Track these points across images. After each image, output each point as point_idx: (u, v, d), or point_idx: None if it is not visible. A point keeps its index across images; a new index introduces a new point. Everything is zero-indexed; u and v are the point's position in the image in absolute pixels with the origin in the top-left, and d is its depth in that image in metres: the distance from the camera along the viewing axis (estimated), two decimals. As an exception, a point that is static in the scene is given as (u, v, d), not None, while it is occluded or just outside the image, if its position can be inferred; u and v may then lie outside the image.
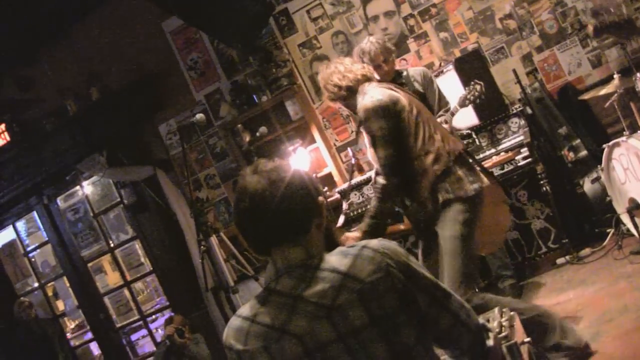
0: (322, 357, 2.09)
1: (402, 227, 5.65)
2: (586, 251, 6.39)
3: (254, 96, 8.02)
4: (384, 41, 5.75)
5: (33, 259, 9.59)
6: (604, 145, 5.92)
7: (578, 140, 6.67)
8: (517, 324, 2.56)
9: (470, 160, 4.50)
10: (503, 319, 2.55)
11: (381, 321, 2.09)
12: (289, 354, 2.11)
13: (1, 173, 8.84)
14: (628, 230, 6.00)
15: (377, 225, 4.36)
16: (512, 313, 2.62)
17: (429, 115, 4.49)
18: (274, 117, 7.98)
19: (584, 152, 6.62)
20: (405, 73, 6.03)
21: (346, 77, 4.42)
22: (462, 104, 5.64)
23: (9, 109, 8.93)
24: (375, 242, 2.22)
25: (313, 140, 7.92)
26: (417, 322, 2.15)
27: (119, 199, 8.87)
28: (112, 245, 9.05)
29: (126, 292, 9.09)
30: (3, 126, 8.86)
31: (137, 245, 9.01)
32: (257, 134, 6.51)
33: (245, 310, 2.25)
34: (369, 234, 4.30)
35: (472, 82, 5.61)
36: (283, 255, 2.21)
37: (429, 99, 5.92)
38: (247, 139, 7.75)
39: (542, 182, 6.33)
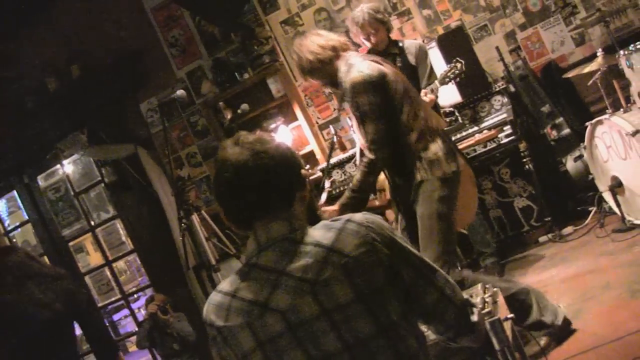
0: (305, 333, 2.04)
1: (377, 203, 5.64)
2: (568, 229, 6.41)
3: (236, 73, 7.96)
4: (376, 12, 5.74)
5: (14, 239, 9.49)
6: (587, 123, 5.90)
7: (561, 119, 6.65)
8: (501, 300, 2.55)
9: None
10: (486, 295, 2.53)
11: (366, 296, 2.05)
12: (272, 330, 2.06)
13: (-20, 152, 8.74)
14: (610, 208, 6.00)
15: (356, 200, 4.29)
16: (495, 289, 2.60)
17: (414, 92, 4.44)
18: (255, 94, 7.92)
19: (566, 130, 6.61)
20: (401, 44, 6.02)
21: (325, 45, 4.33)
22: (442, 81, 5.62)
23: (-11, 88, 8.82)
24: (359, 216, 2.18)
25: (295, 118, 7.88)
26: (402, 297, 2.12)
27: (99, 178, 8.80)
28: (93, 224, 8.98)
29: (107, 271, 9.03)
30: (-18, 104, 8.74)
31: (119, 224, 8.95)
32: (239, 111, 6.45)
33: (225, 285, 2.20)
34: (348, 207, 4.24)
35: (454, 60, 5.58)
36: (265, 229, 2.16)
37: (420, 73, 5.90)
38: (229, 116, 7.71)
39: (525, 160, 6.33)
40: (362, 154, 4.57)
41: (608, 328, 4.13)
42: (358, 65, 4.23)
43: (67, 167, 8.98)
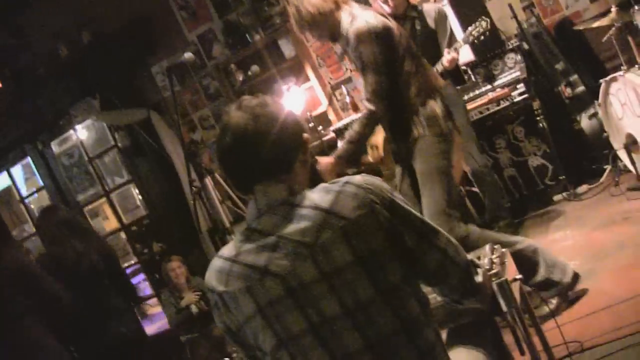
0: (305, 297, 2.02)
1: (370, 159, 5.61)
2: (583, 188, 6.37)
3: (247, 35, 7.93)
4: None
5: (30, 205, 9.54)
6: (601, 80, 5.82)
7: (575, 76, 6.57)
8: (509, 260, 2.51)
9: None
10: (494, 256, 2.50)
11: (366, 259, 2.02)
12: (271, 294, 2.04)
13: (-5, 120, 8.77)
14: (625, 166, 5.95)
15: (352, 151, 4.24)
16: (503, 250, 2.57)
17: (415, 49, 4.37)
18: (267, 56, 7.91)
19: (581, 88, 6.53)
20: (420, 8, 5.94)
21: None
22: (467, 39, 5.56)
23: (1, 56, 8.81)
24: (358, 178, 2.15)
25: (307, 79, 7.85)
26: (403, 260, 2.09)
27: (113, 143, 8.78)
28: (107, 189, 8.99)
29: (123, 235, 9.06)
30: (-5, 73, 8.76)
31: (133, 189, 8.96)
32: (249, 73, 6.42)
33: (226, 250, 2.18)
34: (343, 159, 4.21)
35: (480, 18, 5.50)
36: (265, 193, 2.14)
37: (440, 36, 5.84)
38: (241, 78, 7.69)
39: (538, 118, 6.28)
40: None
41: (622, 287, 4.09)
42: (363, 15, 4.16)
43: (81, 132, 8.96)
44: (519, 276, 2.42)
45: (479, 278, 2.23)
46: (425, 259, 2.14)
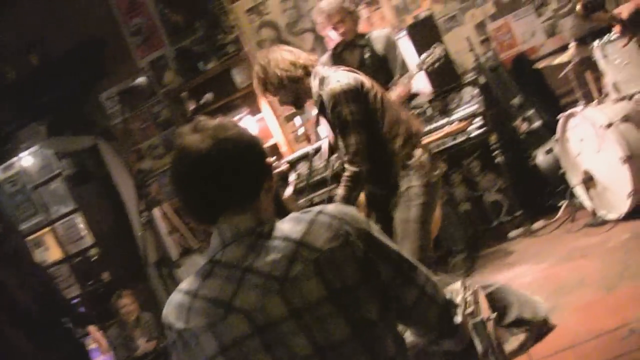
0: (273, 336, 1.85)
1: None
2: (539, 224, 6.29)
3: (200, 63, 7.82)
4: (342, 1, 5.68)
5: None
6: (560, 115, 5.80)
7: (532, 111, 6.55)
8: (482, 299, 2.38)
9: None
10: (467, 294, 2.36)
11: (340, 295, 1.86)
12: (236, 332, 1.86)
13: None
14: (581, 203, 5.91)
15: None
16: (476, 287, 2.44)
17: (391, 98, 4.34)
18: (220, 85, 7.77)
19: (537, 123, 6.50)
20: (367, 36, 5.94)
21: (296, 62, 4.10)
22: (421, 66, 5.50)
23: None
24: (332, 207, 2.00)
25: (260, 110, 7.71)
26: (379, 296, 1.94)
27: (59, 170, 8.56)
28: (52, 218, 8.74)
29: (66, 267, 8.80)
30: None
31: (78, 219, 8.72)
32: (202, 101, 6.29)
33: (186, 284, 2.00)
34: None
35: (434, 45, 5.45)
36: (230, 224, 1.96)
37: (390, 63, 5.80)
38: (192, 107, 7.55)
39: (495, 153, 6.22)
40: (330, 155, 4.50)
41: (586, 325, 4.01)
42: (334, 76, 4.08)
43: (25, 159, 8.72)
44: (493, 315, 2.29)
45: (458, 318, 2.08)
46: (401, 296, 1.99)
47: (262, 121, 7.76)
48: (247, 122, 7.47)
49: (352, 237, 1.92)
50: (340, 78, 4.04)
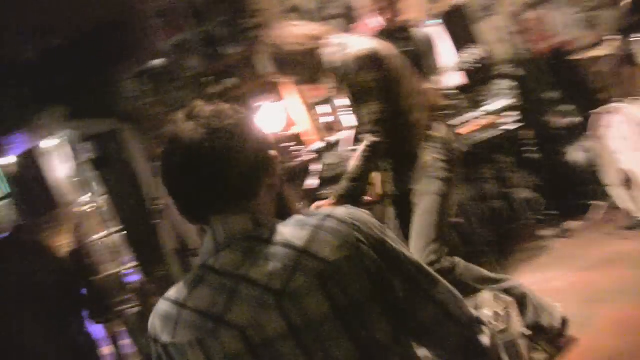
0: (269, 355, 1.65)
1: (368, 197, 5.35)
2: (572, 224, 6.06)
3: (224, 47, 7.70)
4: None
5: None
6: (595, 111, 5.61)
7: (567, 106, 6.37)
8: (515, 313, 2.14)
9: None
10: (500, 308, 2.11)
11: (346, 312, 1.64)
12: (228, 349, 1.66)
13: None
14: (614, 203, 5.68)
15: (356, 189, 3.91)
16: (509, 300, 2.20)
17: (410, 69, 4.15)
18: (244, 69, 7.65)
19: (572, 118, 6.31)
20: (408, 31, 5.75)
21: (310, 34, 4.00)
22: (461, 66, 5.37)
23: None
24: (341, 211, 1.77)
25: (284, 96, 7.54)
26: (393, 314, 1.71)
27: (79, 154, 8.49)
28: (72, 203, 8.67)
29: (87, 253, 8.74)
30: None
31: (100, 203, 8.66)
32: (226, 86, 6.14)
33: (174, 291, 1.79)
34: (346, 199, 3.80)
35: (474, 46, 5.32)
36: (225, 225, 1.75)
37: (425, 60, 5.64)
38: (215, 91, 7.43)
39: (528, 148, 6.03)
40: (356, 138, 4.22)
41: (625, 340, 3.74)
42: (353, 42, 3.95)
43: (45, 142, 8.67)
44: (528, 332, 2.05)
45: (485, 339, 1.82)
46: (419, 314, 1.76)
47: (287, 108, 7.59)
48: (271, 109, 7.32)
49: (363, 246, 1.70)
50: (359, 43, 3.94)
